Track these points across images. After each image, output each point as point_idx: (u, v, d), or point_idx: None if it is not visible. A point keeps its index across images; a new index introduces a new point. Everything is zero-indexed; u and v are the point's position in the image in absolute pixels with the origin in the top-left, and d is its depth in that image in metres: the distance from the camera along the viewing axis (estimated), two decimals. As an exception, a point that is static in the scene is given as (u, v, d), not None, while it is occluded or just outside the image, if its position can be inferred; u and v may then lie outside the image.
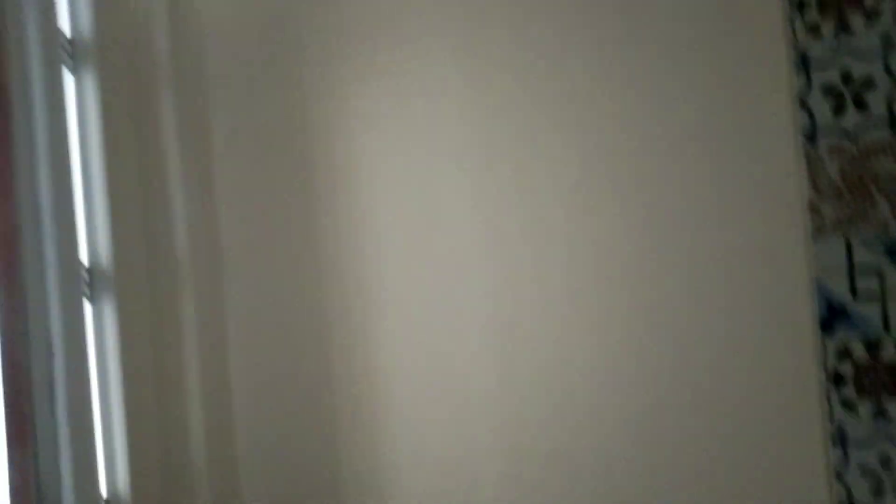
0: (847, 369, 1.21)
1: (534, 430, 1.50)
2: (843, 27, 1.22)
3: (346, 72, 1.74)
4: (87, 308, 1.90)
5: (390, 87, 1.68)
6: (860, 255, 1.19)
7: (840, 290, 1.21)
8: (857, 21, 1.20)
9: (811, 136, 1.23)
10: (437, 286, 1.62)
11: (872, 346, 1.19)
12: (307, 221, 1.80)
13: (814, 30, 1.24)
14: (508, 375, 1.53)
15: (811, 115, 1.23)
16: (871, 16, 1.19)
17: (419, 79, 1.64)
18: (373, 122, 1.70)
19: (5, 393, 1.09)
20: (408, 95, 1.66)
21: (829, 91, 1.22)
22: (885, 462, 1.18)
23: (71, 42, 1.99)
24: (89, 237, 1.97)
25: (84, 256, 1.90)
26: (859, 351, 1.20)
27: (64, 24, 1.96)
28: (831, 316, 1.22)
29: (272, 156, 1.86)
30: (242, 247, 1.91)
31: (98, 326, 1.95)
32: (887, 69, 1.18)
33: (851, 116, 1.21)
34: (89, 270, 1.95)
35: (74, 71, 1.99)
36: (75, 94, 1.98)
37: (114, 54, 2.01)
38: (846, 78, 1.21)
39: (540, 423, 1.49)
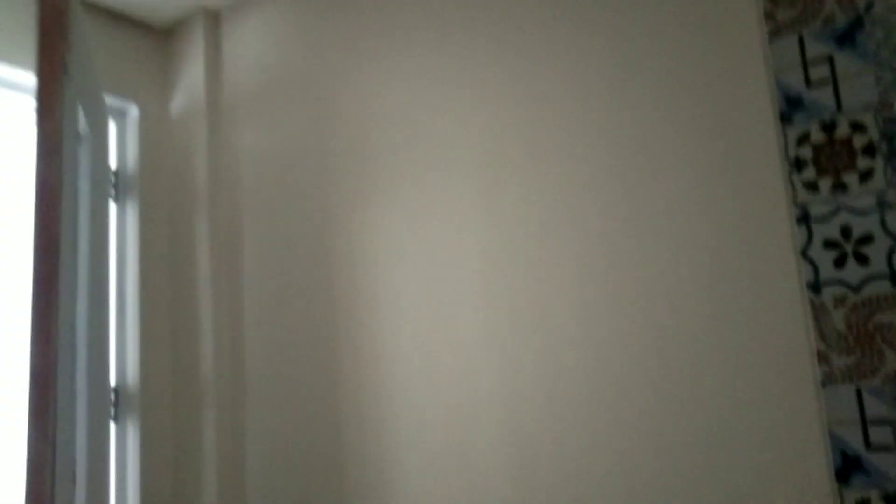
0: (867, 524, 1.19)
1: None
2: (840, 185, 1.28)
3: (369, 201, 1.84)
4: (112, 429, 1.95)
5: (411, 217, 1.77)
6: (871, 407, 1.21)
7: (854, 440, 1.22)
8: (851, 180, 1.27)
9: (815, 287, 1.28)
10: (454, 419, 1.64)
11: (892, 501, 1.18)
12: (330, 351, 1.85)
13: (812, 186, 1.31)
14: (523, 490, 1.52)
15: (814, 267, 1.29)
16: (865, 175, 1.26)
17: (438, 210, 1.73)
18: (394, 250, 1.78)
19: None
20: (427, 225, 1.74)
21: (830, 244, 1.28)
22: None
23: (116, 174, 2.13)
24: (118, 360, 2.03)
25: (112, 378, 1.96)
26: (878, 505, 1.18)
27: (111, 157, 2.12)
28: (847, 467, 1.21)
29: (298, 285, 1.94)
30: (266, 374, 1.95)
31: (120, 446, 1.98)
32: (884, 225, 1.24)
33: (853, 269, 1.25)
34: (115, 391, 2.00)
35: (117, 200, 2.12)
36: (116, 222, 2.10)
37: (155, 186, 2.14)
38: (846, 232, 1.27)
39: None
